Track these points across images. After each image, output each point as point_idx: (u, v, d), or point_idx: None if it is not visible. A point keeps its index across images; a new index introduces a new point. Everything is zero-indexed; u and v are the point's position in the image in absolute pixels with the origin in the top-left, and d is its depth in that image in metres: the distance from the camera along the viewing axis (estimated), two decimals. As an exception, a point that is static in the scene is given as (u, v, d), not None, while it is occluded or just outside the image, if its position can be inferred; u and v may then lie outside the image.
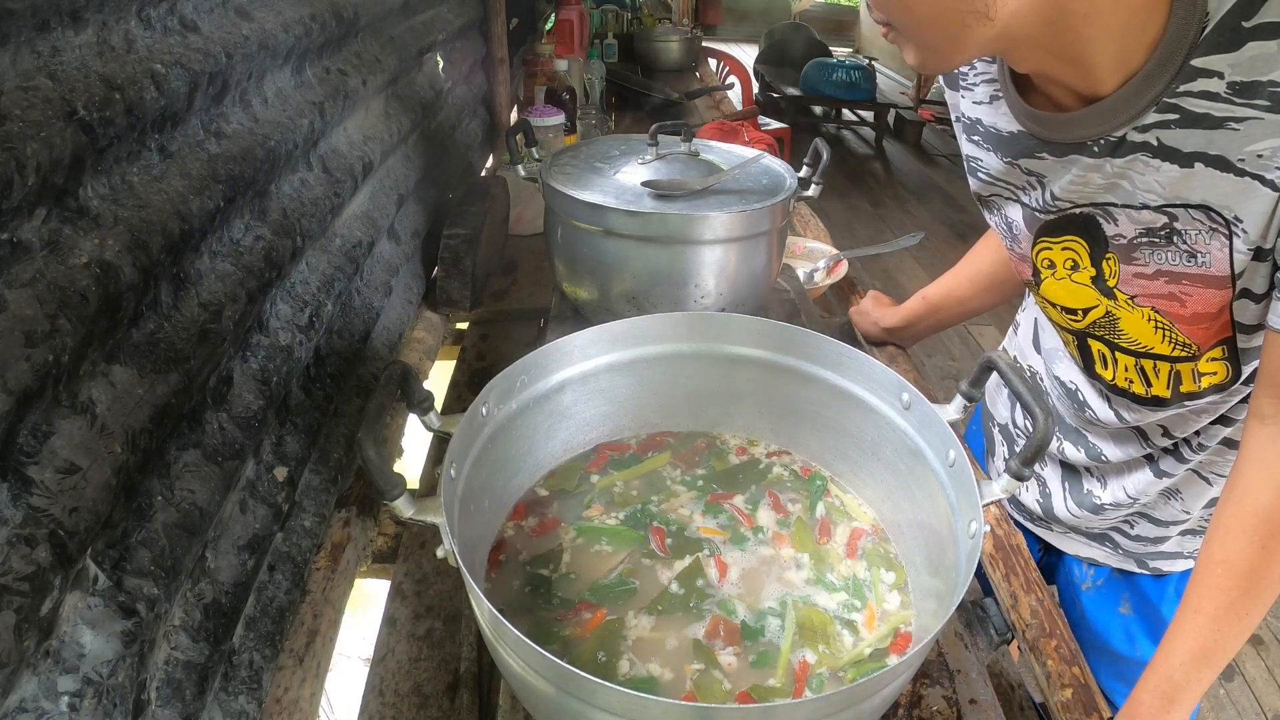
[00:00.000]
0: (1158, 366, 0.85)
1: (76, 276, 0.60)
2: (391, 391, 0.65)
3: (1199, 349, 0.80)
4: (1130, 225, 0.75)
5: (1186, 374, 0.83)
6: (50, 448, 0.57)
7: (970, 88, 0.88)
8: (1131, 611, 1.06)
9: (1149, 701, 0.75)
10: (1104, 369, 0.91)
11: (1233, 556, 0.73)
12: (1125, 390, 0.90)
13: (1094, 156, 0.73)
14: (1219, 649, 0.73)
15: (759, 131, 2.32)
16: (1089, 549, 1.08)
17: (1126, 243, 0.76)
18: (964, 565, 0.62)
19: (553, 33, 2.99)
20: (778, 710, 0.57)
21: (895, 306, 1.38)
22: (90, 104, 0.63)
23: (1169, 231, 0.72)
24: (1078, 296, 0.85)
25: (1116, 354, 0.88)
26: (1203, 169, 0.67)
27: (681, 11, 5.04)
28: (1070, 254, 0.82)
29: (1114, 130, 0.70)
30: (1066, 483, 1.06)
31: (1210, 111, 0.65)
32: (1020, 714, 0.91)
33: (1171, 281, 0.75)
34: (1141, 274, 0.77)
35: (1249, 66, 0.62)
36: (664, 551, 0.80)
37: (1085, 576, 1.10)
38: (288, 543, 0.92)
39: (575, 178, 1.10)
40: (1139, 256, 0.76)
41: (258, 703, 0.79)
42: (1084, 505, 1.04)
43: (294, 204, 1.01)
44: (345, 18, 1.20)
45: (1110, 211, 0.76)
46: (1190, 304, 0.76)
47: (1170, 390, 0.85)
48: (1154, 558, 1.02)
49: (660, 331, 0.88)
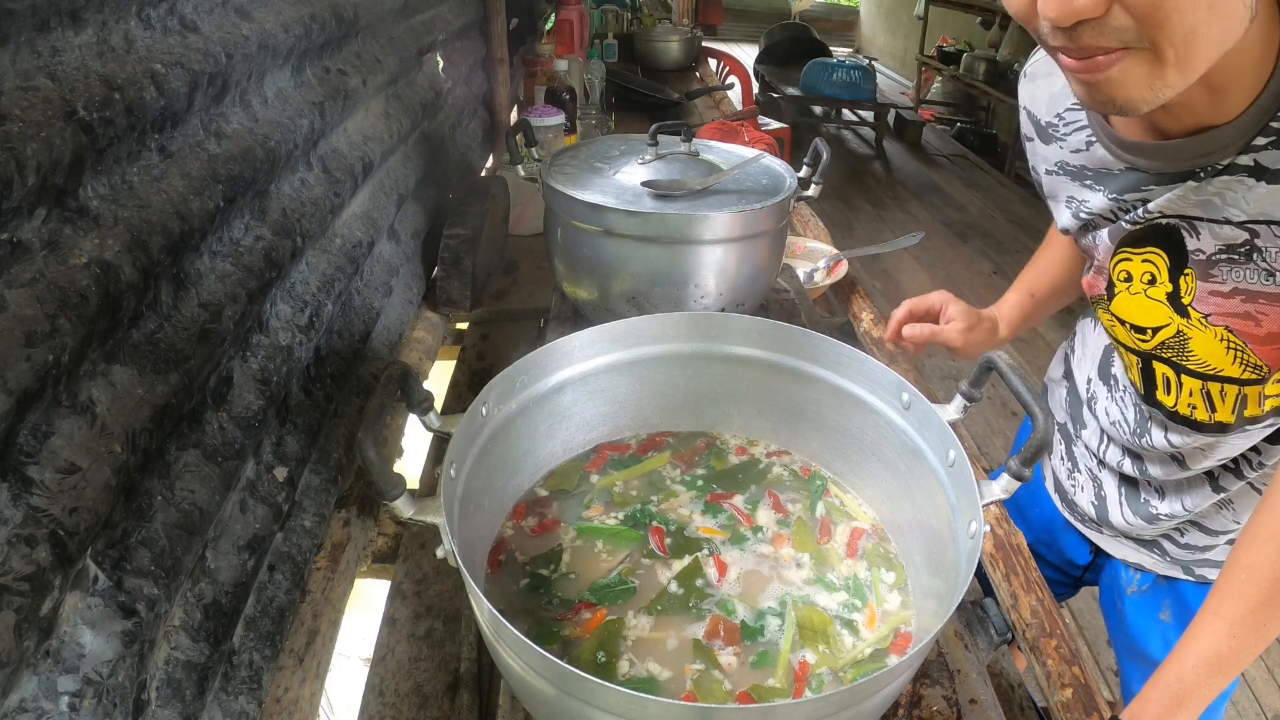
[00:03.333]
0: (1225, 390, 0.84)
1: (76, 276, 0.60)
2: (391, 391, 0.65)
3: (1268, 370, 0.80)
4: (1211, 240, 0.75)
5: (1253, 398, 0.83)
6: (50, 448, 0.57)
7: (1064, 138, 0.88)
8: (1171, 619, 1.06)
9: (1157, 700, 0.75)
10: (1166, 395, 0.90)
11: (1258, 563, 0.73)
12: (1187, 418, 0.89)
13: (1200, 180, 0.73)
14: (1233, 655, 0.73)
15: (759, 131, 2.32)
16: (1138, 554, 1.07)
17: (1205, 258, 0.76)
18: (964, 565, 0.62)
19: (553, 33, 2.99)
20: (778, 710, 0.57)
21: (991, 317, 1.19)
22: (90, 104, 0.63)
23: (1249, 248, 0.73)
24: (1151, 314, 0.85)
25: (1182, 376, 0.87)
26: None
27: (681, 11, 5.05)
28: (1149, 267, 0.82)
29: (1225, 156, 0.71)
30: (1124, 489, 1.05)
31: None
32: (1020, 714, 0.91)
33: (1248, 300, 0.76)
34: (1218, 291, 0.77)
35: None
36: (663, 551, 0.80)
37: (1131, 580, 1.10)
38: (288, 543, 0.92)
39: (575, 178, 1.10)
40: (1216, 273, 0.76)
41: (258, 703, 0.79)
42: (1140, 514, 1.03)
43: (294, 204, 1.01)
44: (345, 18, 1.20)
45: (1195, 225, 0.76)
46: (1266, 323, 0.76)
47: (1235, 415, 0.85)
48: (1200, 565, 1.02)
49: (660, 331, 0.88)
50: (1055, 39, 0.60)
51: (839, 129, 7.06)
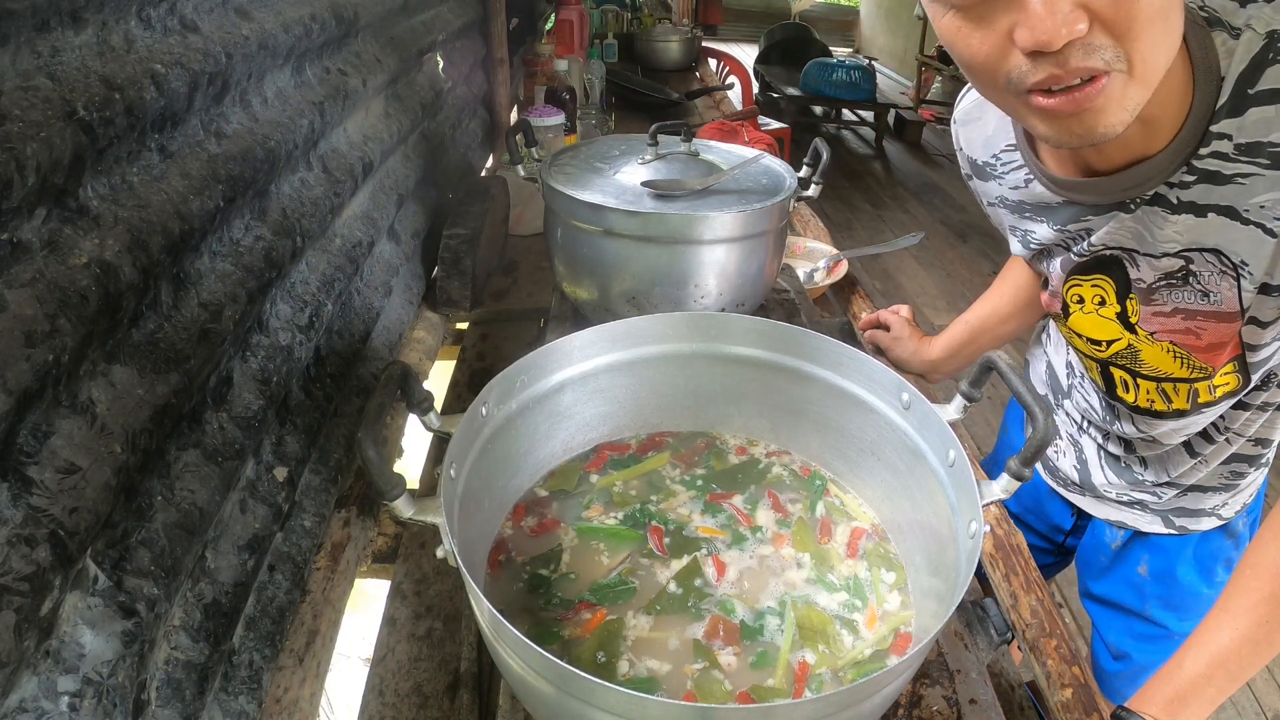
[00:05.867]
0: (1177, 388, 0.91)
1: (76, 276, 0.60)
2: (391, 391, 0.65)
3: (1213, 370, 0.86)
4: (1150, 271, 0.81)
5: (1203, 389, 0.89)
6: (50, 448, 0.57)
7: (1002, 176, 0.93)
8: (1149, 574, 1.12)
9: (1159, 690, 0.76)
10: (1126, 393, 0.97)
11: (1262, 560, 0.77)
12: (1147, 409, 0.96)
13: (1130, 211, 0.78)
14: (1236, 652, 0.75)
15: (759, 131, 2.32)
16: (1119, 513, 1.12)
17: (1146, 287, 0.82)
18: (964, 565, 0.62)
19: (553, 33, 2.99)
20: (778, 710, 0.57)
21: (930, 336, 1.39)
22: (90, 104, 0.63)
23: (1185, 273, 0.78)
24: (1103, 330, 0.91)
25: (1138, 379, 0.93)
26: (1215, 218, 0.73)
27: (681, 11, 5.05)
28: (1098, 291, 0.88)
29: (1150, 189, 0.75)
30: (1103, 454, 1.10)
31: (1221, 169, 0.70)
32: (1020, 714, 0.91)
33: (1188, 319, 0.82)
34: (1160, 312, 0.83)
35: (1252, 129, 0.68)
36: (662, 551, 0.80)
37: (1115, 537, 1.15)
38: (288, 543, 0.92)
39: (575, 178, 1.10)
40: (1157, 298, 0.82)
41: (258, 703, 0.79)
42: (1123, 477, 1.09)
43: (294, 204, 1.01)
44: (345, 18, 1.20)
45: (1134, 257, 0.81)
46: (1205, 336, 0.82)
47: (1190, 404, 0.92)
48: (1180, 515, 1.07)
49: (660, 331, 0.88)
50: (1039, 72, 0.60)
51: (839, 129, 7.06)
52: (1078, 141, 0.65)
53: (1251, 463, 1.00)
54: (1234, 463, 1.00)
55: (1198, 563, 1.08)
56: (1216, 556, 1.08)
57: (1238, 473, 1.01)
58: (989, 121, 0.94)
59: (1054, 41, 0.56)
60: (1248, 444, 0.97)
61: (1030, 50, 0.58)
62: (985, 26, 0.60)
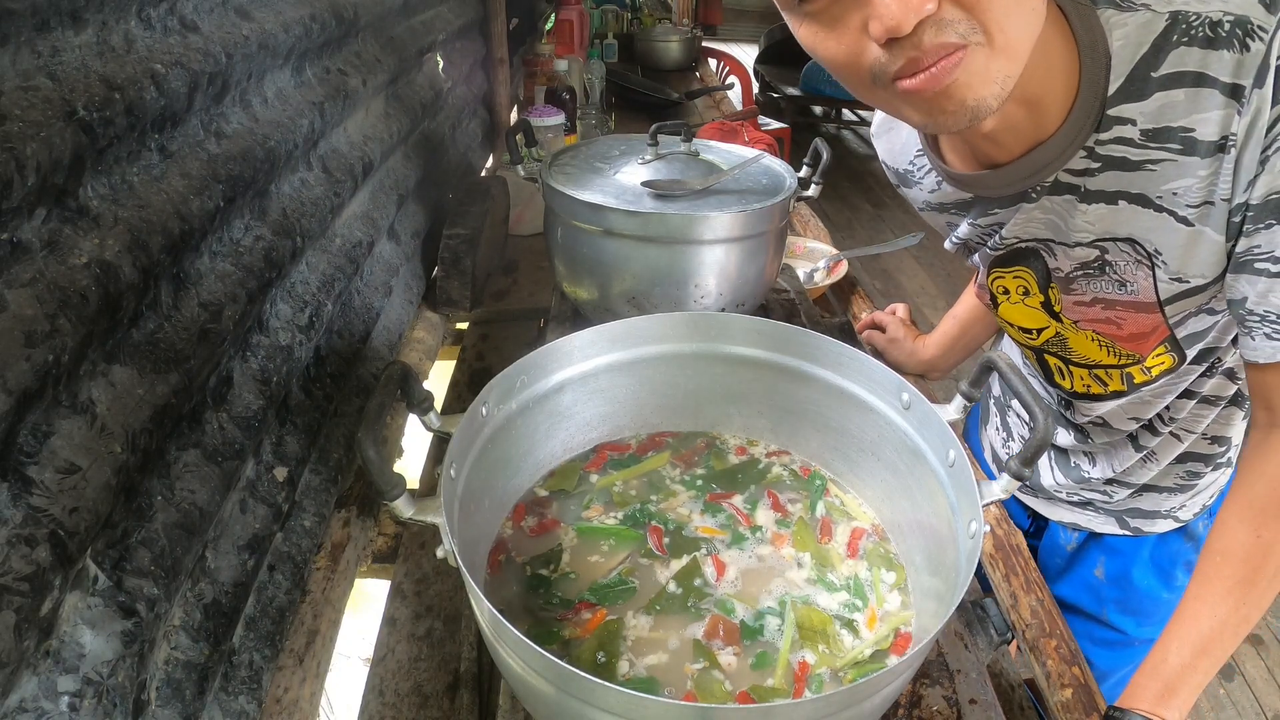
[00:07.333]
0: (1110, 373, 0.92)
1: (76, 276, 0.60)
2: (391, 391, 0.65)
3: (1141, 355, 0.86)
4: (1067, 261, 0.81)
5: (1137, 372, 0.90)
6: (50, 448, 0.57)
7: (920, 181, 0.96)
8: (1105, 576, 1.11)
9: (1148, 686, 0.76)
10: (1062, 379, 0.98)
11: (1230, 546, 0.76)
12: (1084, 394, 0.97)
13: (1034, 201, 0.78)
14: (1216, 636, 0.75)
15: (759, 131, 2.32)
16: (1072, 514, 1.12)
17: (1065, 276, 0.83)
18: (964, 565, 0.62)
19: (553, 33, 2.99)
20: (778, 710, 0.57)
21: (925, 336, 1.40)
22: (90, 104, 0.63)
23: (1101, 263, 0.78)
24: (1032, 319, 0.93)
25: (1071, 367, 0.95)
26: (1126, 205, 0.73)
27: (681, 11, 5.05)
28: (1020, 281, 0.89)
29: (1049, 175, 0.75)
30: (1053, 454, 1.11)
31: (1128, 155, 0.70)
32: (1020, 714, 0.91)
33: (1107, 308, 0.82)
34: (1080, 301, 0.84)
35: (1158, 114, 0.67)
36: (661, 550, 0.80)
37: (1070, 539, 1.15)
38: (288, 543, 0.92)
39: (575, 178, 1.10)
40: (1076, 287, 0.83)
41: (258, 703, 0.79)
42: (1070, 476, 1.09)
43: (294, 204, 1.01)
44: (345, 18, 1.20)
45: (1051, 247, 0.82)
46: (1126, 326, 0.83)
47: (1126, 385, 0.93)
48: (1134, 516, 1.06)
49: (660, 331, 0.88)
50: (898, 59, 0.60)
51: (839, 129, 7.05)
52: (954, 122, 0.63)
53: (1208, 462, 0.99)
54: (1189, 462, 0.98)
55: (1155, 566, 1.07)
56: (1175, 560, 1.06)
57: (1194, 473, 1.00)
58: (901, 130, 0.95)
59: (904, 25, 0.56)
60: (1202, 441, 0.96)
61: (884, 40, 0.58)
62: (840, 27, 0.61)
